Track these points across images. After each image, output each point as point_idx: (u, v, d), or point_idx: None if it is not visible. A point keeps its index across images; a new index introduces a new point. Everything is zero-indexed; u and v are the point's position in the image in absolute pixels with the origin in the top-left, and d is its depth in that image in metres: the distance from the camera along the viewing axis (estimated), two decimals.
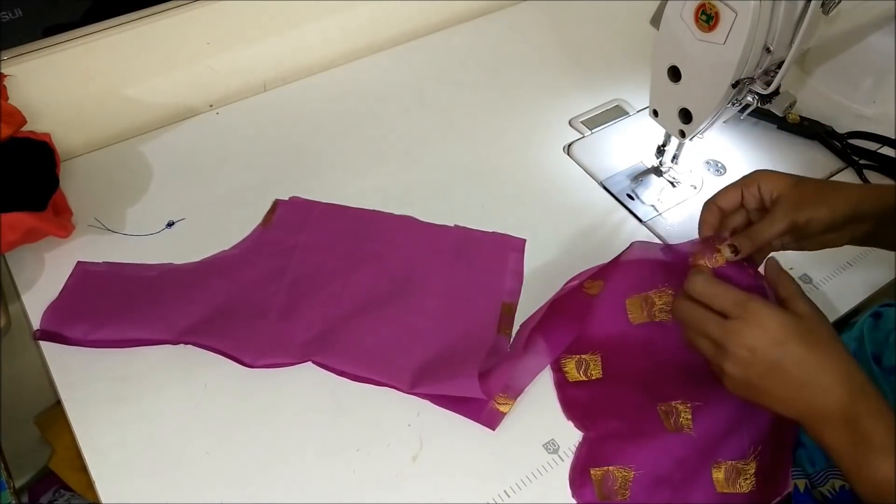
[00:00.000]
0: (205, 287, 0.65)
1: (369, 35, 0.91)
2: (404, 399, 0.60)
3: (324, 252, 0.69)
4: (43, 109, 0.73)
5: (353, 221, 0.72)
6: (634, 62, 0.91)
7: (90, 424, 0.58)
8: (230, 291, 0.65)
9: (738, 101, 0.64)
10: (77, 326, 0.61)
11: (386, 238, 0.71)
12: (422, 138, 0.82)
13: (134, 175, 0.76)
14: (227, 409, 0.59)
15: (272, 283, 0.66)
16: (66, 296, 0.64)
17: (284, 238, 0.70)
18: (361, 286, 0.67)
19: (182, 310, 0.63)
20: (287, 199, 0.74)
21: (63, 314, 0.63)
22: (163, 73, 0.79)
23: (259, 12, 0.81)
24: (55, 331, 0.62)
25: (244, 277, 0.67)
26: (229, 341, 0.62)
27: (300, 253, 0.69)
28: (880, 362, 0.62)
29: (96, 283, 0.66)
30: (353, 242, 0.70)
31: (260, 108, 0.84)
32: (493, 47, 0.93)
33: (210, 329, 0.62)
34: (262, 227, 0.71)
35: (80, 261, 0.67)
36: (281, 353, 0.62)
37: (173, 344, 0.62)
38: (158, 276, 0.67)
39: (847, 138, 0.82)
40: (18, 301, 0.65)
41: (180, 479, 0.55)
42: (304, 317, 0.64)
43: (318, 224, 0.72)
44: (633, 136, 0.83)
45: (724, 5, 0.58)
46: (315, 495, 0.55)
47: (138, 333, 0.62)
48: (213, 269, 0.67)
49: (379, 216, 0.73)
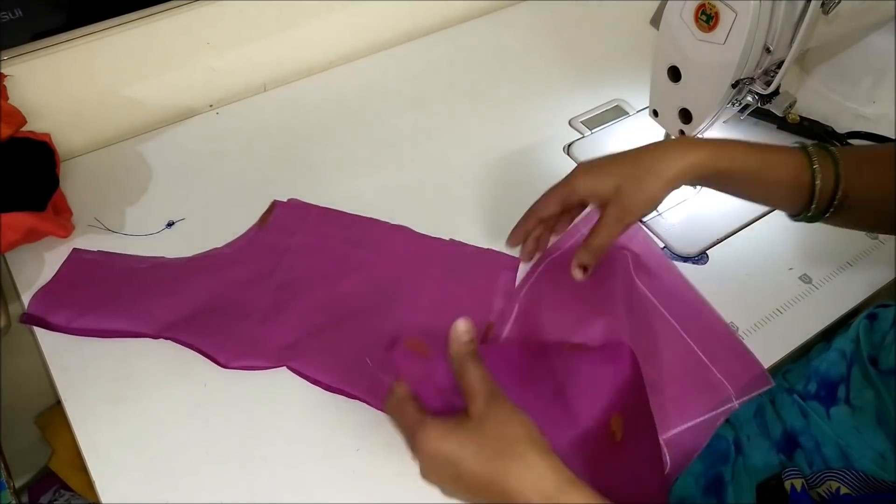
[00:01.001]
0: (191, 283, 0.65)
1: (369, 35, 0.91)
2: None
3: (314, 256, 0.69)
4: (43, 109, 0.73)
5: (347, 227, 0.72)
6: (634, 62, 0.90)
7: (90, 424, 0.58)
8: (216, 290, 0.65)
9: (738, 101, 0.64)
10: (61, 313, 0.62)
11: (379, 247, 0.70)
12: (422, 138, 0.82)
13: (134, 175, 0.76)
14: (227, 409, 0.59)
15: (259, 285, 0.66)
16: (56, 281, 0.65)
17: (277, 240, 0.70)
18: (348, 295, 0.66)
19: (166, 304, 0.63)
20: (285, 201, 0.73)
21: (51, 299, 0.63)
22: (163, 73, 0.79)
23: (259, 12, 0.81)
24: (40, 315, 0.62)
25: (232, 277, 0.66)
26: (207, 339, 0.62)
27: (291, 256, 0.68)
28: (877, 364, 0.62)
29: (88, 270, 0.66)
30: (345, 249, 0.69)
31: (260, 108, 0.84)
32: (493, 47, 0.93)
33: (190, 326, 0.62)
34: (258, 228, 0.71)
35: (76, 248, 0.67)
36: (257, 355, 0.61)
37: (153, 338, 0.62)
38: (149, 268, 0.67)
39: (847, 138, 0.82)
40: (18, 301, 0.65)
41: (180, 479, 0.55)
42: (286, 321, 0.63)
43: (312, 228, 0.71)
44: (633, 136, 0.82)
45: (724, 5, 0.58)
46: (315, 495, 0.55)
47: (120, 325, 0.62)
48: (202, 266, 0.67)
49: (374, 224, 0.72)
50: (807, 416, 0.64)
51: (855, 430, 0.61)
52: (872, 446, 0.59)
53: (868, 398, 0.61)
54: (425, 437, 0.46)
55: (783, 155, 0.57)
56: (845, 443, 0.61)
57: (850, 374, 0.63)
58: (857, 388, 0.62)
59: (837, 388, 0.64)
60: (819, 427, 0.63)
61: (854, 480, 0.57)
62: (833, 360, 0.65)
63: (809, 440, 0.64)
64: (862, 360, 0.62)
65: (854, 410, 0.62)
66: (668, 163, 0.56)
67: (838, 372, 0.64)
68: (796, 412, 0.65)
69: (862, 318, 0.66)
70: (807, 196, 0.57)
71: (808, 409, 0.64)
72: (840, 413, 0.62)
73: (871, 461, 0.59)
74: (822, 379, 0.65)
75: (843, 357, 0.65)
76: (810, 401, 0.65)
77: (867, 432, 0.60)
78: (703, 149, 0.56)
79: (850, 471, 0.58)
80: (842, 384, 0.64)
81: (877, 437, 0.59)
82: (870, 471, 0.58)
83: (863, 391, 0.61)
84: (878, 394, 0.59)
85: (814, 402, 0.65)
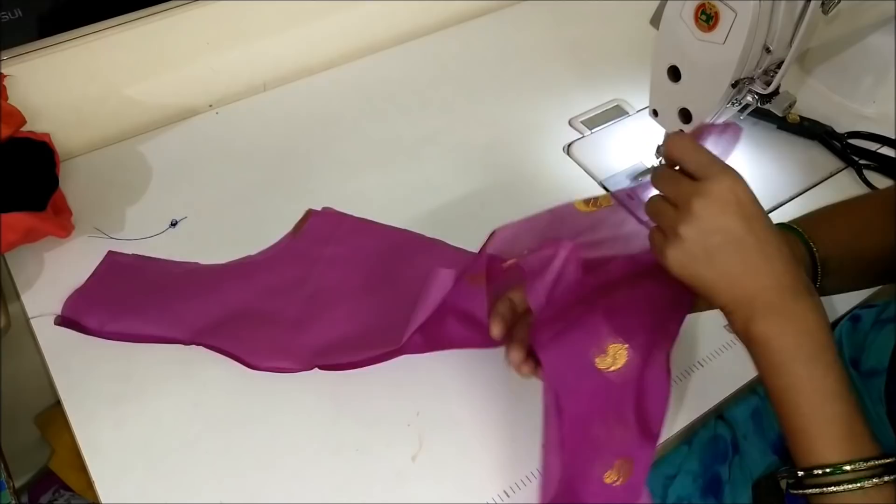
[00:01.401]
0: (222, 290, 0.65)
1: (369, 35, 0.91)
2: (404, 399, 0.60)
3: (347, 268, 0.68)
4: (43, 109, 0.73)
5: (380, 240, 0.70)
6: (634, 62, 0.90)
7: (90, 424, 0.58)
8: (247, 297, 0.65)
9: (738, 100, 0.64)
10: (95, 315, 0.62)
11: (412, 262, 0.68)
12: (422, 138, 0.82)
13: (134, 175, 0.76)
14: (227, 409, 0.59)
15: (290, 294, 0.66)
16: (92, 284, 0.65)
17: (310, 249, 0.69)
18: (379, 309, 0.65)
19: (197, 310, 0.63)
20: (319, 210, 0.73)
21: (85, 302, 0.63)
22: (163, 73, 0.79)
23: (259, 12, 0.81)
24: (74, 318, 0.62)
25: (264, 284, 0.66)
26: (236, 343, 0.62)
27: (323, 266, 0.68)
28: (858, 366, 0.62)
29: (123, 273, 0.66)
30: (377, 262, 0.69)
31: (260, 108, 0.84)
32: (493, 47, 0.93)
33: (219, 332, 0.62)
34: (292, 236, 0.71)
35: (111, 250, 0.67)
36: (287, 357, 0.61)
37: (185, 344, 0.62)
38: (183, 274, 0.66)
39: (847, 138, 0.82)
40: (18, 301, 0.65)
41: (180, 479, 0.55)
42: (317, 329, 0.63)
43: (345, 238, 0.70)
44: (633, 135, 0.83)
45: (724, 5, 0.58)
46: (315, 495, 0.55)
47: (152, 330, 0.62)
48: (234, 274, 0.67)
49: (408, 237, 0.71)
50: None
51: None
52: None
53: None
54: (733, 178, 0.46)
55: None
56: None
57: None
58: None
59: None
60: None
61: None
62: None
63: None
64: (844, 362, 0.62)
65: None
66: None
67: None
68: None
69: (845, 321, 0.66)
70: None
71: None
72: None
73: None
74: None
75: None
76: None
77: None
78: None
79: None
80: None
81: None
82: None
83: None
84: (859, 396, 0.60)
85: None
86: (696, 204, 0.46)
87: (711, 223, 0.46)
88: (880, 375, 0.58)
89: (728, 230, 0.45)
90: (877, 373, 0.59)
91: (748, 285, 0.46)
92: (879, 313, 0.62)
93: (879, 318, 0.62)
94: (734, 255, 0.46)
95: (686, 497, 0.65)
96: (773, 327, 0.45)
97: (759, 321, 0.45)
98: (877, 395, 0.58)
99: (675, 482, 0.66)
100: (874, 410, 0.58)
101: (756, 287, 0.46)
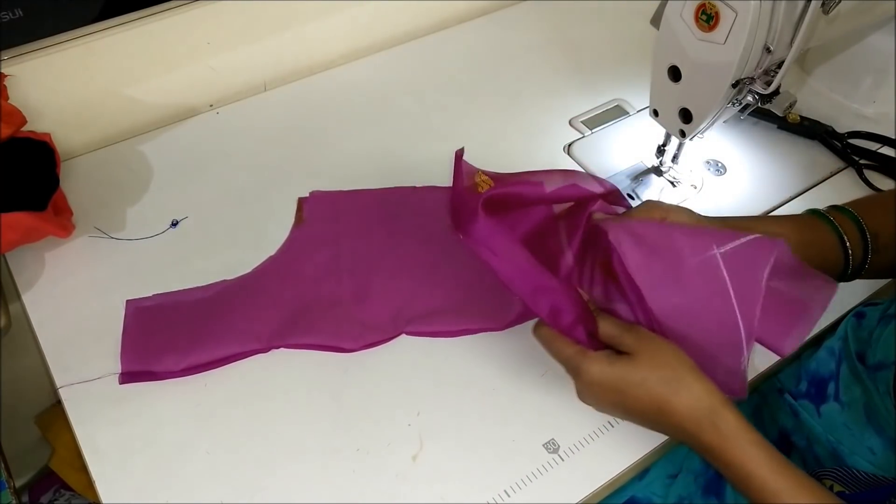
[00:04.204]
0: (270, 292, 0.66)
1: (369, 35, 0.91)
2: (404, 399, 0.60)
3: (367, 235, 0.71)
4: (43, 109, 0.73)
5: (382, 202, 0.74)
6: (634, 62, 0.90)
7: (90, 424, 0.58)
8: (296, 290, 0.66)
9: (739, 100, 0.64)
10: (164, 360, 0.60)
11: (417, 209, 0.73)
12: (422, 138, 0.82)
13: (134, 175, 0.76)
14: (227, 408, 0.59)
15: (332, 274, 0.67)
16: (130, 336, 0.62)
17: (324, 230, 0.71)
18: (415, 257, 0.69)
19: (260, 318, 0.63)
20: (308, 195, 0.74)
21: (139, 354, 0.61)
22: (163, 73, 0.79)
23: (259, 12, 0.81)
24: (140, 370, 0.60)
25: (302, 275, 0.67)
26: (321, 334, 0.63)
27: (345, 240, 0.70)
28: (864, 360, 0.62)
29: (154, 314, 0.64)
30: (390, 221, 0.72)
31: (260, 107, 0.84)
32: (493, 47, 0.93)
33: (297, 328, 0.63)
34: (297, 226, 0.71)
35: (129, 299, 0.64)
36: (373, 332, 0.63)
37: (264, 352, 0.62)
38: (216, 294, 0.66)
39: (847, 138, 0.82)
40: (18, 301, 0.65)
41: (180, 478, 0.55)
42: (378, 296, 0.66)
43: (349, 210, 0.73)
44: (634, 135, 0.83)
45: (724, 5, 0.58)
46: (315, 495, 0.55)
47: (228, 350, 0.61)
48: (269, 275, 0.67)
49: (401, 192, 0.75)
50: (798, 416, 0.65)
51: (845, 427, 0.61)
52: (862, 442, 0.59)
53: (856, 394, 0.61)
54: (591, 366, 0.52)
55: (806, 233, 0.60)
56: (835, 439, 0.61)
57: (839, 371, 0.63)
58: (846, 384, 0.62)
59: (827, 386, 0.64)
60: (809, 425, 0.63)
61: (848, 478, 0.58)
62: (822, 358, 0.66)
63: (801, 439, 0.64)
64: (850, 356, 0.63)
65: (843, 407, 0.62)
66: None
67: (828, 369, 0.65)
68: (787, 412, 0.66)
69: (850, 317, 0.66)
70: (840, 255, 0.60)
71: (799, 408, 0.65)
72: (830, 410, 0.63)
73: (862, 456, 0.59)
74: (813, 377, 0.65)
75: (832, 355, 0.65)
76: (801, 399, 0.65)
77: (856, 428, 0.60)
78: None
79: (844, 469, 0.58)
80: (831, 381, 0.64)
81: (866, 433, 0.59)
82: (861, 467, 0.58)
83: (851, 387, 0.62)
84: (866, 389, 0.60)
85: (804, 401, 0.65)
86: (577, 383, 0.54)
87: (596, 400, 0.54)
88: (888, 368, 0.58)
89: (612, 407, 0.54)
90: (884, 366, 0.59)
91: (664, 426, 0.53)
92: (885, 310, 0.63)
93: (886, 314, 0.62)
94: (627, 416, 0.54)
95: (687, 496, 0.65)
96: (714, 438, 0.50)
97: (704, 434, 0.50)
98: (884, 388, 0.58)
99: (676, 481, 0.66)
100: (882, 404, 0.58)
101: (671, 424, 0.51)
